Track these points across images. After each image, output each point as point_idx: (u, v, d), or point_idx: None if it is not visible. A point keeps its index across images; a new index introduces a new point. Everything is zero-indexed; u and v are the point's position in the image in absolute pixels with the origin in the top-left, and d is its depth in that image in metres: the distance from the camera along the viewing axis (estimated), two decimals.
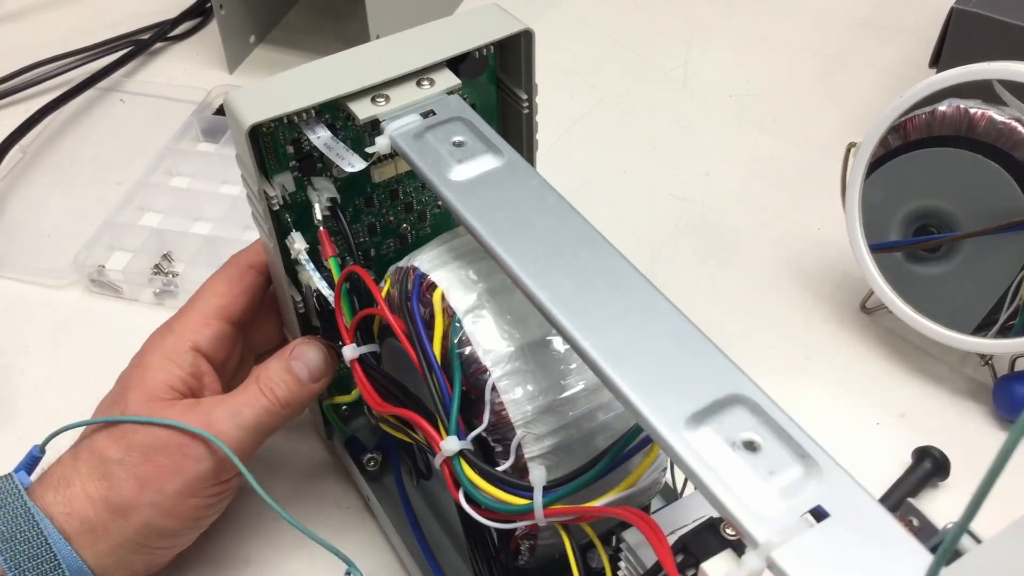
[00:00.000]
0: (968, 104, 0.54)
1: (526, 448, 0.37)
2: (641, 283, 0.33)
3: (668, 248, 0.69)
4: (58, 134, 0.78)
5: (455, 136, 0.40)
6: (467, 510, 0.36)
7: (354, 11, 0.77)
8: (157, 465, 0.44)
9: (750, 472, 0.28)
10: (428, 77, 0.43)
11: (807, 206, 0.71)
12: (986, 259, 0.55)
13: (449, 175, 0.38)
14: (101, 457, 0.44)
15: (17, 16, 0.92)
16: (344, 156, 0.42)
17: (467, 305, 0.39)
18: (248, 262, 0.50)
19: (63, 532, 0.43)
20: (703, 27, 0.90)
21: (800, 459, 0.28)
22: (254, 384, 0.47)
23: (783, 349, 0.62)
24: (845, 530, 0.26)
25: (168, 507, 0.45)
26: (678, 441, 0.28)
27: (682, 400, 0.29)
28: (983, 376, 0.59)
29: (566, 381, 0.38)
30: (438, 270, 0.40)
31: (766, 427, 0.29)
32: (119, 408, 0.46)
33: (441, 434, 0.38)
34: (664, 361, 0.31)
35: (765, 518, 0.26)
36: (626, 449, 0.35)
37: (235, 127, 0.41)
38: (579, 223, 0.36)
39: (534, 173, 0.38)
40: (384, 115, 0.41)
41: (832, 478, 0.27)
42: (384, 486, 0.53)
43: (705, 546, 0.35)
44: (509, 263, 0.34)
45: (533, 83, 0.46)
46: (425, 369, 0.38)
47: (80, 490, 0.44)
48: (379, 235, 0.50)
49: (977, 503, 0.21)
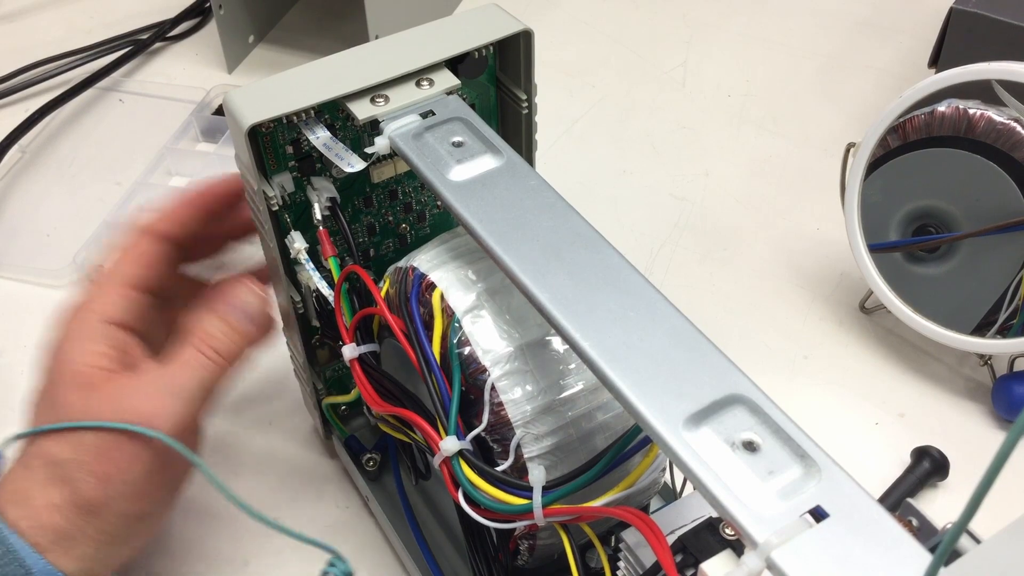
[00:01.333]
0: (967, 105, 0.54)
1: (525, 448, 0.37)
2: (640, 283, 0.33)
3: (667, 248, 0.69)
4: (57, 134, 0.78)
5: (454, 136, 0.40)
6: (466, 510, 0.36)
7: (353, 11, 0.77)
8: (112, 459, 0.41)
9: (749, 472, 0.28)
10: (427, 77, 0.43)
11: (806, 206, 0.71)
12: (985, 259, 0.56)
13: (448, 175, 0.38)
14: (53, 461, 0.42)
15: (17, 16, 0.92)
16: (343, 156, 0.42)
17: (466, 305, 0.39)
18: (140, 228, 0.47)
19: (36, 545, 0.40)
20: (703, 27, 0.90)
21: (799, 459, 0.28)
22: (189, 345, 0.43)
23: (782, 349, 0.62)
24: (844, 530, 0.26)
25: (138, 492, 0.42)
26: (677, 442, 0.28)
27: (681, 400, 0.29)
28: (982, 376, 0.59)
29: (565, 381, 0.38)
30: (437, 270, 0.40)
31: (765, 427, 0.29)
32: (51, 405, 0.43)
33: (440, 434, 0.38)
34: (663, 361, 0.31)
35: (764, 518, 0.26)
36: (625, 449, 0.35)
37: (234, 127, 0.41)
38: (578, 223, 0.36)
39: (533, 173, 0.38)
40: (383, 115, 0.41)
41: (831, 478, 0.28)
42: (383, 486, 0.53)
43: (704, 546, 0.35)
44: (508, 264, 0.34)
45: (532, 83, 0.46)
46: (424, 369, 0.38)
47: (42, 500, 0.41)
48: (378, 235, 0.50)
49: (976, 503, 0.21)
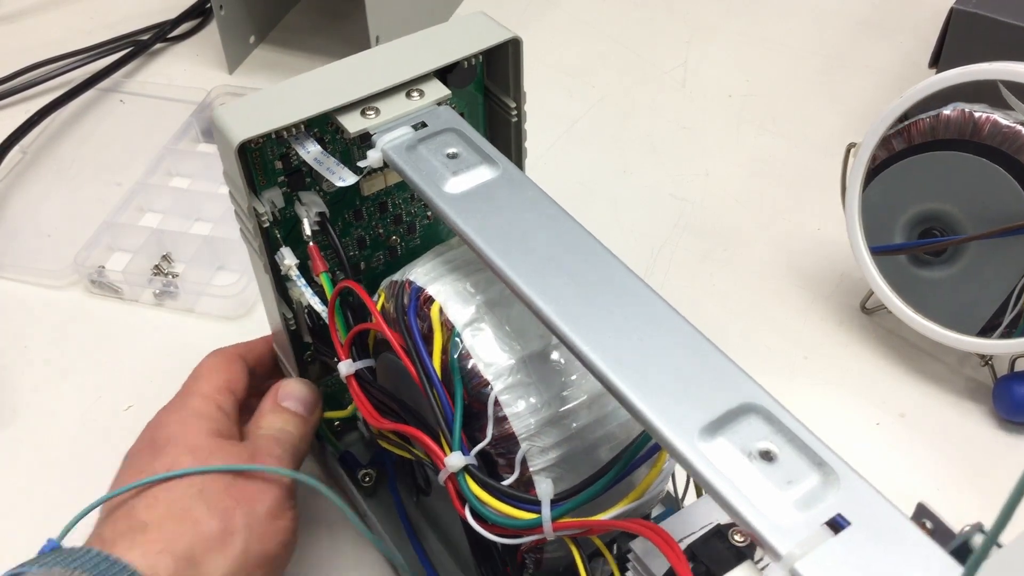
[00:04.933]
0: (973, 108, 0.54)
1: (531, 461, 0.37)
2: (645, 292, 0.33)
3: (667, 248, 0.68)
4: (58, 135, 0.78)
5: (449, 148, 0.40)
6: (474, 526, 0.36)
7: (354, 11, 0.77)
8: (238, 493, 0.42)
9: (768, 483, 0.27)
10: (418, 88, 0.42)
11: (807, 206, 0.71)
12: (991, 263, 0.55)
13: (445, 188, 0.38)
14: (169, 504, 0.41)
15: (17, 16, 0.92)
16: (335, 170, 0.41)
17: (466, 318, 0.38)
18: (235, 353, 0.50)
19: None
20: (703, 27, 0.90)
21: (817, 467, 0.28)
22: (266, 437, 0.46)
23: (782, 349, 0.62)
24: (866, 539, 0.26)
25: (262, 530, 0.43)
26: (694, 453, 0.28)
27: (695, 411, 0.29)
28: (983, 376, 0.59)
29: (567, 392, 0.38)
30: (434, 283, 0.40)
31: (781, 436, 0.29)
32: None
33: (444, 450, 0.37)
34: (674, 371, 0.30)
35: (786, 530, 0.26)
36: (634, 459, 0.34)
37: (223, 144, 0.40)
38: (579, 233, 0.36)
39: (531, 184, 0.38)
40: (375, 128, 0.41)
41: (850, 486, 0.27)
42: (380, 501, 0.52)
43: (715, 554, 0.35)
44: (511, 277, 0.34)
45: (522, 91, 0.46)
46: (426, 384, 0.38)
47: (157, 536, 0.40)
48: (368, 248, 0.50)
49: (1009, 511, 0.20)
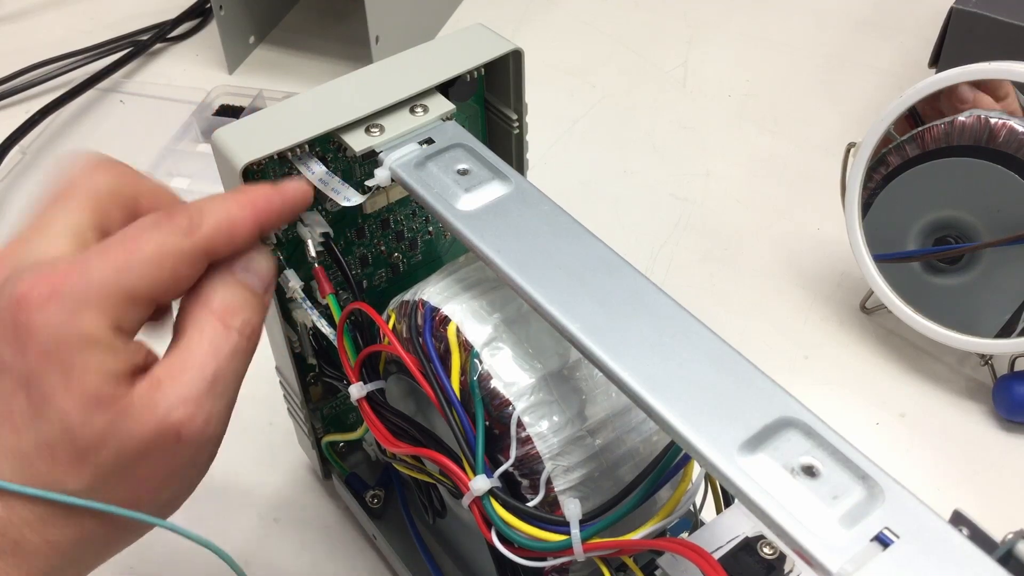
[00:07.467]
0: (988, 114, 0.54)
1: (556, 481, 0.36)
2: (671, 306, 0.32)
3: (668, 248, 0.68)
4: (58, 135, 0.77)
5: (459, 164, 0.39)
6: (501, 550, 0.35)
7: (354, 11, 0.76)
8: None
9: (814, 498, 0.27)
10: (421, 103, 0.41)
11: (807, 206, 0.71)
12: (1006, 269, 0.55)
13: (457, 205, 0.37)
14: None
15: (17, 16, 0.91)
16: (340, 190, 0.41)
17: (484, 338, 0.38)
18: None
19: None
20: (703, 27, 0.90)
21: (861, 481, 0.27)
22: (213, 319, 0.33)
23: (782, 349, 0.62)
24: (916, 553, 0.26)
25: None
26: (735, 471, 0.27)
27: (732, 427, 0.29)
28: (983, 376, 0.59)
29: (588, 410, 0.37)
30: (449, 302, 0.39)
31: (822, 450, 0.28)
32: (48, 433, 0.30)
33: (468, 473, 0.36)
34: (707, 387, 0.30)
35: (836, 547, 0.26)
36: (663, 476, 0.34)
37: (225, 167, 0.39)
38: (599, 247, 0.35)
39: (545, 198, 0.37)
40: (380, 146, 0.40)
41: (895, 499, 0.27)
42: (389, 523, 0.51)
43: (745, 569, 0.34)
44: (533, 294, 0.33)
45: (523, 102, 0.46)
46: (445, 407, 0.37)
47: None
48: (371, 266, 0.49)
49: None
